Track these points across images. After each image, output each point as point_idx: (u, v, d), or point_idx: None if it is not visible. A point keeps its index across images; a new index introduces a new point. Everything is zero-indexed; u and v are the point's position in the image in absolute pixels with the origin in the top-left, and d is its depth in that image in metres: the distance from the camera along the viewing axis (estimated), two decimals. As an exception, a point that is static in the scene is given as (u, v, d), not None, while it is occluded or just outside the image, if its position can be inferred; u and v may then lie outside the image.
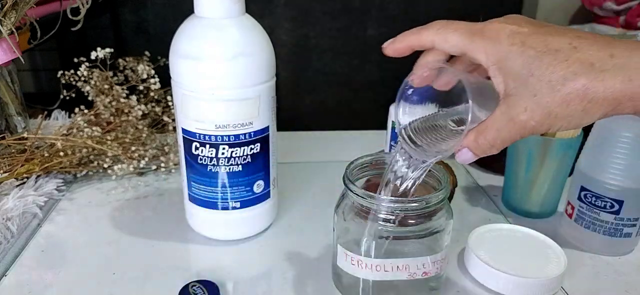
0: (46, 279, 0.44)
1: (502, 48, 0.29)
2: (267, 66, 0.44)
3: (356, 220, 0.38)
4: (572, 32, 0.28)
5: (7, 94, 0.59)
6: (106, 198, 0.57)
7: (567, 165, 0.53)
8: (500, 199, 0.59)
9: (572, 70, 0.27)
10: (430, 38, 0.33)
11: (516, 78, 0.29)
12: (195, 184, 0.47)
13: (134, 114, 0.63)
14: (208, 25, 0.42)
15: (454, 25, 0.32)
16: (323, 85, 1.33)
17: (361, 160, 0.42)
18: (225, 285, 0.44)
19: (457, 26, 0.32)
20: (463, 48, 0.31)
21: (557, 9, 1.38)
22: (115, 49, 0.66)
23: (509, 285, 0.42)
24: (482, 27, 0.31)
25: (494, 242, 0.47)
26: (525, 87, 0.29)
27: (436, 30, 0.32)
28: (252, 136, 0.45)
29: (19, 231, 0.49)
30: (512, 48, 0.29)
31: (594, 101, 0.27)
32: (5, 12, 0.52)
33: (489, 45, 0.30)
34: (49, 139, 0.58)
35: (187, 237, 0.50)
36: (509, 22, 0.30)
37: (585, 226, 0.49)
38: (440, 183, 0.39)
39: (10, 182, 0.55)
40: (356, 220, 0.38)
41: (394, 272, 0.38)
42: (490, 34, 0.30)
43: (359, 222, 0.38)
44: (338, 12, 1.27)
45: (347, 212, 0.39)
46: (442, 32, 0.32)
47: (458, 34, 0.31)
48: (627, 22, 1.21)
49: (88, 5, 0.61)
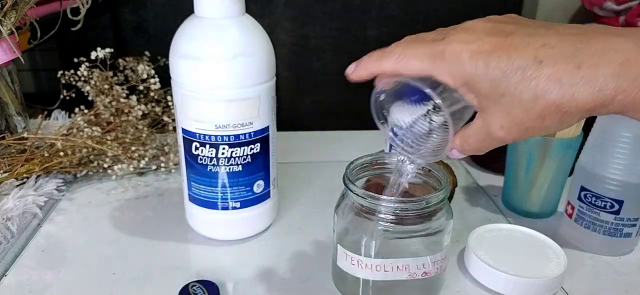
0: (46, 279, 0.44)
1: (467, 70, 0.29)
2: (267, 66, 0.44)
3: (356, 220, 0.38)
4: (537, 37, 0.27)
5: (7, 94, 0.59)
6: (106, 198, 0.57)
7: (567, 165, 0.53)
8: (500, 199, 0.59)
9: (541, 89, 0.27)
10: (391, 67, 0.32)
11: (487, 97, 0.29)
12: (195, 184, 0.47)
13: (134, 114, 0.63)
14: (208, 25, 0.42)
15: (414, 50, 0.31)
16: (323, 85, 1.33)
17: (361, 160, 0.42)
18: (225, 285, 0.44)
19: (417, 51, 0.31)
20: (427, 73, 0.31)
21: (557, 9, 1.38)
22: (115, 49, 0.66)
23: (509, 285, 0.42)
24: (443, 50, 0.29)
25: (494, 242, 0.47)
26: (498, 106, 0.28)
27: (396, 60, 0.31)
28: (252, 136, 0.45)
29: (19, 231, 0.49)
30: (477, 71, 0.28)
31: (569, 113, 0.27)
32: (5, 12, 0.52)
33: (453, 68, 0.29)
34: (49, 139, 0.58)
35: (187, 237, 0.50)
36: (469, 36, 0.29)
37: (585, 226, 0.49)
38: (440, 183, 0.39)
39: (10, 182, 0.55)
40: (356, 220, 0.38)
41: (394, 272, 0.38)
42: (451, 57, 0.29)
43: (359, 222, 0.38)
44: (338, 12, 1.27)
45: (347, 212, 0.39)
46: (402, 60, 0.31)
47: (419, 61, 0.30)
48: (627, 22, 1.21)
49: (88, 5, 0.61)
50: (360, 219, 0.38)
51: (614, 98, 0.26)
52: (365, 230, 0.38)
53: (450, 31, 0.30)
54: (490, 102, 0.29)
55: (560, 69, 0.26)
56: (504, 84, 0.27)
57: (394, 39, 0.35)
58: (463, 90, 0.30)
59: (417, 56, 0.30)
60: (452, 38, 0.29)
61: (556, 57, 0.26)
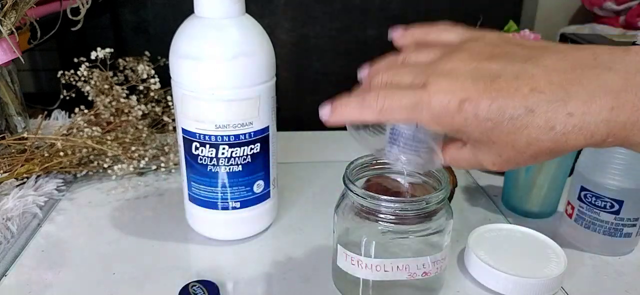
0: (46, 279, 0.44)
1: (455, 122, 0.27)
2: (267, 66, 0.44)
3: (356, 220, 0.38)
4: (525, 79, 0.26)
5: (7, 94, 0.59)
6: (106, 198, 0.57)
7: (567, 165, 0.53)
8: (500, 199, 0.59)
9: (534, 137, 0.26)
10: (374, 118, 0.30)
11: (478, 142, 0.29)
12: (195, 184, 0.47)
13: (134, 114, 0.63)
14: (208, 25, 0.42)
15: (397, 101, 0.29)
16: (323, 85, 1.33)
17: (361, 160, 0.42)
18: (225, 285, 0.44)
19: (400, 102, 0.29)
20: (414, 122, 0.30)
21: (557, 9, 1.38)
22: (115, 49, 0.66)
23: (509, 285, 0.42)
24: (428, 101, 0.28)
25: (494, 242, 0.47)
26: (489, 149, 0.28)
27: (379, 112, 0.29)
28: (252, 136, 0.45)
29: (19, 231, 0.49)
30: (466, 122, 0.27)
31: (562, 152, 0.27)
32: (5, 12, 0.52)
33: (441, 120, 0.28)
34: (49, 139, 0.58)
35: (187, 237, 0.50)
36: (453, 83, 0.27)
37: (585, 226, 0.49)
38: (440, 183, 0.39)
39: (10, 182, 0.55)
40: (356, 220, 0.38)
41: (394, 272, 0.38)
42: (438, 109, 0.27)
43: (359, 222, 0.38)
44: (338, 12, 1.27)
45: (347, 212, 0.39)
46: (386, 113, 0.29)
47: (404, 113, 0.29)
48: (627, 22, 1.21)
49: (88, 5, 0.61)
50: (360, 219, 0.38)
51: (605, 140, 0.26)
52: (365, 231, 0.38)
53: (429, 74, 0.28)
54: (481, 145, 0.29)
55: (551, 117, 0.25)
56: (495, 132, 0.27)
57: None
58: (452, 134, 0.30)
59: (400, 108, 0.29)
60: (435, 88, 0.28)
61: (547, 105, 0.25)
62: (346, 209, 0.40)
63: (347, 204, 0.40)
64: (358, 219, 0.38)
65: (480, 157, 0.29)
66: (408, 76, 0.30)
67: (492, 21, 0.68)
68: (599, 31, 1.22)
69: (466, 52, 0.29)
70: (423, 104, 0.28)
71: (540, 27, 1.35)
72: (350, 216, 0.39)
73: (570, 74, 0.26)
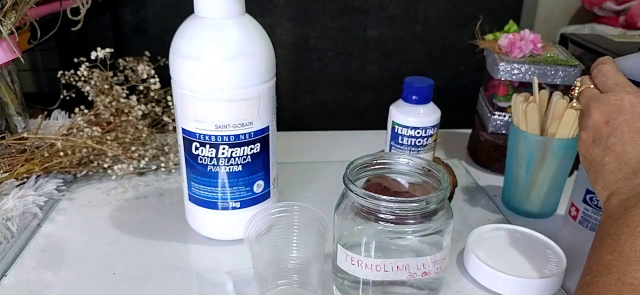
0: (46, 279, 0.44)
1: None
2: (267, 66, 0.44)
3: (356, 220, 0.38)
4: (605, 140, 0.36)
5: (7, 94, 0.59)
6: (106, 198, 0.57)
7: (567, 165, 0.53)
8: (500, 199, 0.59)
9: (601, 190, 0.37)
10: None
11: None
12: (195, 184, 0.47)
13: (134, 114, 0.63)
14: (208, 25, 0.42)
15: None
16: (323, 85, 1.33)
17: (361, 160, 0.42)
18: (225, 285, 0.44)
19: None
20: None
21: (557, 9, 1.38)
22: (115, 49, 0.66)
23: (508, 286, 0.42)
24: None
25: (494, 242, 0.47)
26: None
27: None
28: (252, 136, 0.45)
29: (19, 231, 0.49)
30: (581, 156, 0.40)
31: None
32: (5, 12, 0.52)
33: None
34: (49, 139, 0.58)
35: (187, 237, 0.50)
36: (590, 129, 0.38)
37: (590, 228, 0.49)
38: (440, 183, 0.39)
39: (10, 182, 0.55)
40: (356, 220, 0.38)
41: (394, 272, 0.38)
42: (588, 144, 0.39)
43: (359, 222, 0.38)
44: (338, 12, 1.27)
45: (347, 212, 0.39)
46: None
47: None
48: (627, 22, 1.21)
49: (88, 5, 0.61)
50: (361, 219, 0.38)
51: None
52: (366, 231, 0.38)
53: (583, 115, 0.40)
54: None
55: (613, 181, 0.35)
56: (588, 173, 0.39)
57: (394, 39, 0.35)
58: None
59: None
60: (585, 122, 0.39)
61: (613, 172, 0.36)
62: (346, 209, 0.39)
63: (347, 204, 0.39)
64: (358, 219, 0.38)
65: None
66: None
67: (492, 21, 0.68)
68: (599, 31, 1.22)
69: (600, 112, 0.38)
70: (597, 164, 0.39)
71: (541, 27, 1.35)
72: (351, 216, 0.39)
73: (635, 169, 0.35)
